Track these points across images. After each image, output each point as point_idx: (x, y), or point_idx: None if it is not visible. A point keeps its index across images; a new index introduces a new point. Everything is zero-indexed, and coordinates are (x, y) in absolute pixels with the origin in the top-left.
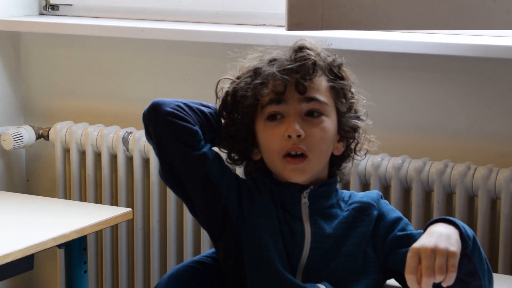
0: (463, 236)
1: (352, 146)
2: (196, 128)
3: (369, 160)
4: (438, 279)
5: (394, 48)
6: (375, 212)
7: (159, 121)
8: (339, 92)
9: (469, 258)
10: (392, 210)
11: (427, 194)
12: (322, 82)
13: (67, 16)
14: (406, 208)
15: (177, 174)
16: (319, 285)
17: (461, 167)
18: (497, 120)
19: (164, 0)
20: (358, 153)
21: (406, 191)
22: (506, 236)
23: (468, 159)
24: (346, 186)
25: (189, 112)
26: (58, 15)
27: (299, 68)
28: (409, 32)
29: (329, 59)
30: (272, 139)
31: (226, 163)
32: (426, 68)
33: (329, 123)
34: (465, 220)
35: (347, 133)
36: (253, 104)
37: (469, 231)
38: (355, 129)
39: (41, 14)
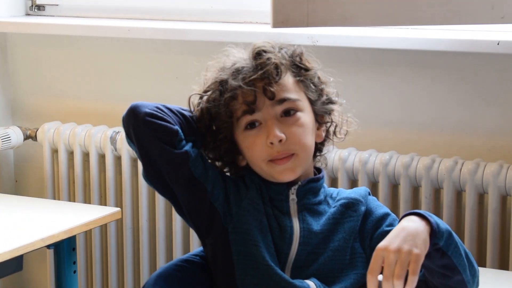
0: (434, 231)
1: (331, 129)
2: (177, 127)
3: (356, 156)
4: (396, 285)
5: (380, 44)
6: (363, 208)
7: (139, 122)
8: (307, 83)
9: (442, 252)
10: (379, 206)
11: (415, 190)
12: (288, 79)
13: (53, 16)
14: (394, 204)
15: (161, 175)
16: (307, 281)
17: (448, 162)
18: (484, 114)
19: None
20: (338, 134)
21: (394, 187)
22: (493, 231)
23: (456, 154)
24: (334, 182)
25: (169, 113)
26: (45, 15)
27: (263, 75)
28: (394, 28)
29: (289, 54)
30: (254, 148)
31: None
32: (412, 64)
33: (306, 116)
34: (452, 214)
35: (323, 118)
36: (228, 119)
37: (443, 226)
38: (329, 112)
39: (27, 14)
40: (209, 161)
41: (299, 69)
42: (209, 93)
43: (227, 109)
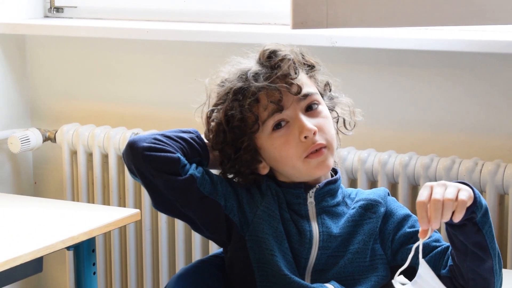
0: (475, 199)
1: (340, 123)
2: (177, 155)
3: (376, 157)
4: (446, 209)
5: (399, 45)
6: (382, 209)
7: (138, 159)
8: (316, 79)
9: (478, 228)
10: (400, 206)
11: None
12: (303, 75)
13: (71, 18)
14: (414, 205)
15: (171, 202)
16: (327, 285)
17: (468, 163)
18: (504, 115)
19: (169, 0)
20: (347, 127)
21: (413, 188)
22: None
23: (475, 154)
24: (354, 183)
25: (167, 142)
26: (63, 17)
27: (285, 72)
28: (414, 29)
29: (294, 52)
30: (286, 147)
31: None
32: (431, 65)
33: (325, 109)
34: None
35: (332, 111)
36: (255, 123)
37: (483, 201)
38: (334, 106)
39: (46, 16)
40: (224, 174)
41: (307, 66)
42: (224, 105)
43: (252, 113)
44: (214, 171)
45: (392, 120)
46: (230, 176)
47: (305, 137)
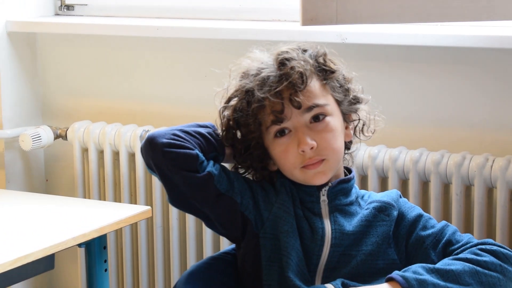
0: None
1: (359, 127)
2: (196, 151)
3: (386, 153)
4: None
5: (409, 41)
6: (395, 213)
7: (157, 154)
8: (333, 85)
9: None
10: (411, 208)
11: (446, 187)
12: (315, 85)
13: (82, 16)
14: (424, 201)
15: (187, 198)
16: (326, 285)
17: (479, 158)
18: None
19: None
20: (366, 133)
21: (424, 184)
22: None
23: (486, 150)
24: (364, 180)
25: (186, 138)
26: (74, 15)
27: (289, 85)
28: (423, 25)
29: (313, 57)
30: (285, 155)
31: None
32: (441, 61)
33: (334, 120)
34: (483, 211)
35: (351, 116)
36: (258, 128)
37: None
38: (356, 110)
39: (56, 14)
40: (239, 168)
41: (325, 72)
42: (235, 101)
43: (255, 119)
44: (229, 165)
45: (402, 116)
46: (243, 170)
47: (303, 151)
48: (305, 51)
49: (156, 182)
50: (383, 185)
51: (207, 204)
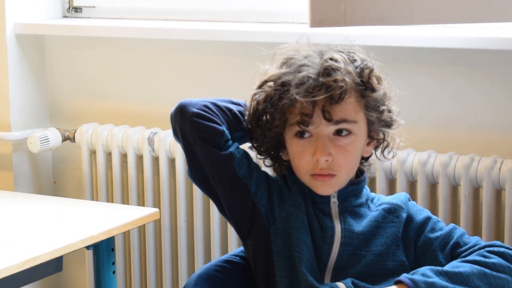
0: None
1: (381, 147)
2: (223, 128)
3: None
4: None
5: (418, 43)
6: (404, 215)
7: (185, 122)
8: (370, 104)
9: None
10: (419, 210)
11: (454, 189)
12: (351, 100)
13: (90, 18)
14: (432, 203)
15: (205, 173)
16: (338, 283)
17: (487, 160)
18: None
19: (186, 0)
20: (386, 155)
21: (432, 186)
22: None
23: (494, 152)
24: (373, 181)
25: (216, 112)
26: (82, 17)
27: (330, 93)
28: (432, 26)
29: (359, 71)
30: (300, 158)
31: (255, 161)
32: (449, 62)
33: (358, 139)
34: (492, 213)
35: (377, 136)
36: (282, 124)
37: None
38: (384, 132)
39: (64, 16)
40: (256, 154)
41: (365, 89)
42: (269, 88)
43: (283, 115)
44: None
45: (410, 118)
46: (258, 153)
47: (317, 160)
48: (353, 61)
49: (164, 184)
50: (391, 187)
51: (222, 185)
